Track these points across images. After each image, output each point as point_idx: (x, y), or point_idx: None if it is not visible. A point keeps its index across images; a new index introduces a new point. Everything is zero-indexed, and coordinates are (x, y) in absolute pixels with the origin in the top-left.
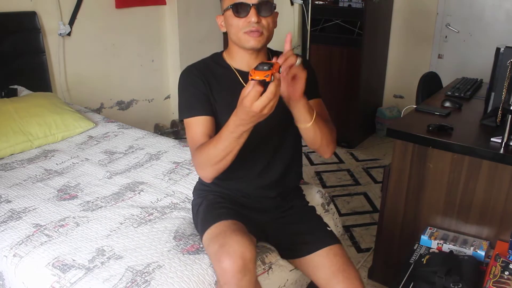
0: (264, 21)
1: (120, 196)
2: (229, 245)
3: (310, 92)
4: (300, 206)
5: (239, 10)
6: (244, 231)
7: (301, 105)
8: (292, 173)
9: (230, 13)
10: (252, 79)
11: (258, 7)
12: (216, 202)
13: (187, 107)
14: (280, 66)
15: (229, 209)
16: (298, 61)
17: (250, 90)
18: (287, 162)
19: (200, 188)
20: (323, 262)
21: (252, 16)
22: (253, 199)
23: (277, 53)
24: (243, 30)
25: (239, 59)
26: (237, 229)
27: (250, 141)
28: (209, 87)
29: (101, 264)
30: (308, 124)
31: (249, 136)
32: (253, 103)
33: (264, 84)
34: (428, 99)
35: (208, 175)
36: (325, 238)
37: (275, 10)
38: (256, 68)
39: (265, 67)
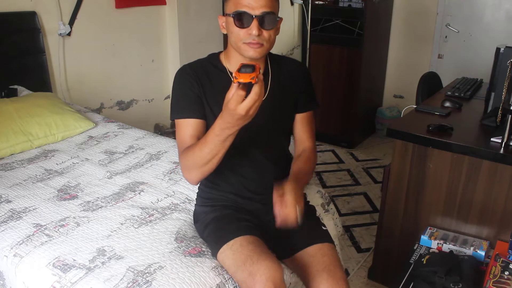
0: (265, 34)
1: (120, 196)
2: (260, 273)
3: (305, 105)
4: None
5: (241, 20)
6: (267, 251)
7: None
8: (284, 170)
9: (231, 20)
10: (238, 82)
11: (261, 19)
12: (226, 215)
13: (179, 108)
14: (259, 68)
15: (241, 220)
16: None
17: (233, 93)
18: (278, 160)
19: (204, 196)
20: (310, 261)
21: (254, 29)
22: (256, 201)
23: (275, 57)
24: (243, 41)
25: (237, 63)
26: (261, 251)
27: (238, 144)
28: (202, 89)
29: (102, 264)
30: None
31: (237, 139)
32: (238, 105)
33: (246, 86)
34: (428, 99)
35: (194, 177)
36: (317, 236)
37: (279, 17)
38: (239, 71)
39: (248, 69)
